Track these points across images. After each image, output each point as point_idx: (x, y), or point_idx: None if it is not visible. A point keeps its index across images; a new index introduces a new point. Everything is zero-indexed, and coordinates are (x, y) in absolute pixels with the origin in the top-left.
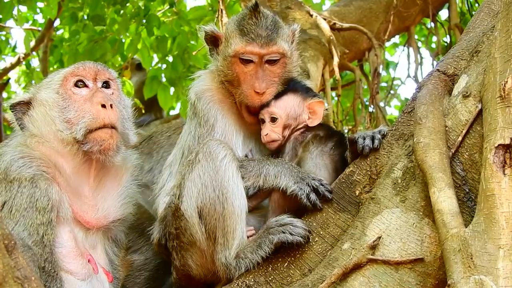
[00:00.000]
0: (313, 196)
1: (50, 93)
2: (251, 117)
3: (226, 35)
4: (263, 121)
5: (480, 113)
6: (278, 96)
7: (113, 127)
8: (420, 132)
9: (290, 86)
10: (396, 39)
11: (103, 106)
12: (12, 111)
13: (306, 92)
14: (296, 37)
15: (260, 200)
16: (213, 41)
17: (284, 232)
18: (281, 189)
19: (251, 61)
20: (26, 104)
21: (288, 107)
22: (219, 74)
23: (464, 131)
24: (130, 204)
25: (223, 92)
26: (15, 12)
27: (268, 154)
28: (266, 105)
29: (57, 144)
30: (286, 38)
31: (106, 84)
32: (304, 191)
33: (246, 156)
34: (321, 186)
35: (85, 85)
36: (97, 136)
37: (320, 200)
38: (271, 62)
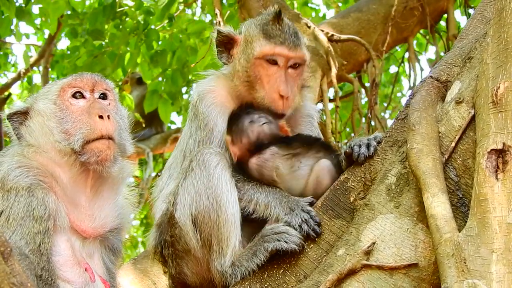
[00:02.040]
0: (305, 227)
1: (48, 103)
2: None
3: (247, 38)
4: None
5: (473, 118)
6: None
7: (110, 138)
8: (413, 138)
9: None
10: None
11: (101, 117)
12: (9, 121)
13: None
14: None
15: None
16: (226, 43)
17: (279, 240)
18: (273, 219)
19: (275, 64)
20: (23, 114)
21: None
22: (237, 76)
23: (457, 137)
24: (126, 213)
25: (227, 96)
26: (13, 27)
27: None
28: None
29: (54, 154)
30: (306, 47)
31: (103, 95)
32: (296, 223)
33: None
34: (310, 219)
35: (83, 96)
36: (94, 147)
37: (312, 231)
38: (294, 67)
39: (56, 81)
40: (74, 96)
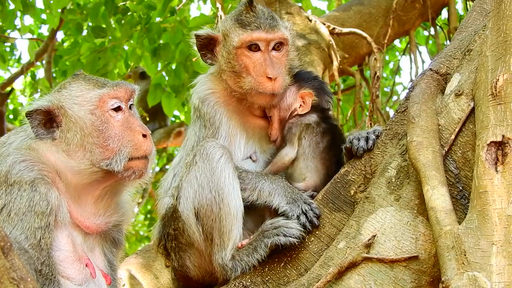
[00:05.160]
0: (303, 219)
1: (85, 113)
2: (256, 117)
3: (224, 33)
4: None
5: (472, 111)
6: None
7: (148, 156)
8: (413, 131)
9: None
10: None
11: (144, 135)
12: (28, 119)
13: (305, 81)
14: (291, 31)
15: None
16: (208, 44)
17: (278, 235)
18: (273, 207)
19: (258, 50)
20: (44, 113)
21: (281, 99)
22: (224, 70)
23: (456, 130)
24: (129, 208)
25: (226, 95)
26: (17, 22)
27: (273, 153)
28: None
29: (79, 165)
30: (286, 27)
31: (131, 105)
32: (294, 213)
33: (250, 157)
34: (310, 211)
35: (120, 108)
36: (134, 165)
37: (309, 223)
38: (277, 49)
39: (82, 84)
40: (113, 109)
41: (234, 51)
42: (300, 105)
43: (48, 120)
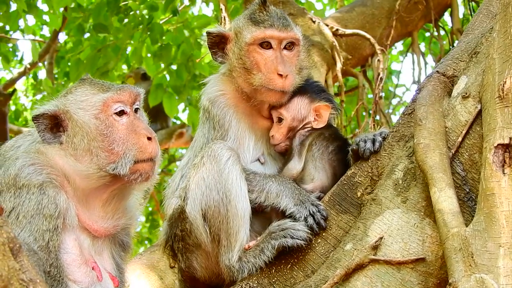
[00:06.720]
0: (310, 220)
1: (89, 117)
2: (265, 119)
3: (237, 30)
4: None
5: (479, 113)
6: (289, 97)
7: (154, 159)
8: (420, 133)
9: (301, 86)
10: (400, 46)
11: (149, 138)
12: (35, 123)
13: (316, 93)
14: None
15: None
16: (219, 43)
17: (285, 237)
18: (280, 209)
19: (269, 48)
20: (50, 117)
21: (294, 109)
22: (234, 66)
23: (464, 132)
24: (136, 211)
25: (236, 96)
26: (21, 22)
27: (280, 158)
28: (279, 104)
29: (87, 169)
30: (298, 29)
31: (137, 109)
32: (302, 215)
33: (258, 159)
34: (317, 213)
35: (124, 112)
36: (140, 168)
37: (316, 225)
38: (288, 48)
39: (87, 88)
40: (117, 112)
41: (246, 48)
42: (315, 119)
43: (54, 125)
